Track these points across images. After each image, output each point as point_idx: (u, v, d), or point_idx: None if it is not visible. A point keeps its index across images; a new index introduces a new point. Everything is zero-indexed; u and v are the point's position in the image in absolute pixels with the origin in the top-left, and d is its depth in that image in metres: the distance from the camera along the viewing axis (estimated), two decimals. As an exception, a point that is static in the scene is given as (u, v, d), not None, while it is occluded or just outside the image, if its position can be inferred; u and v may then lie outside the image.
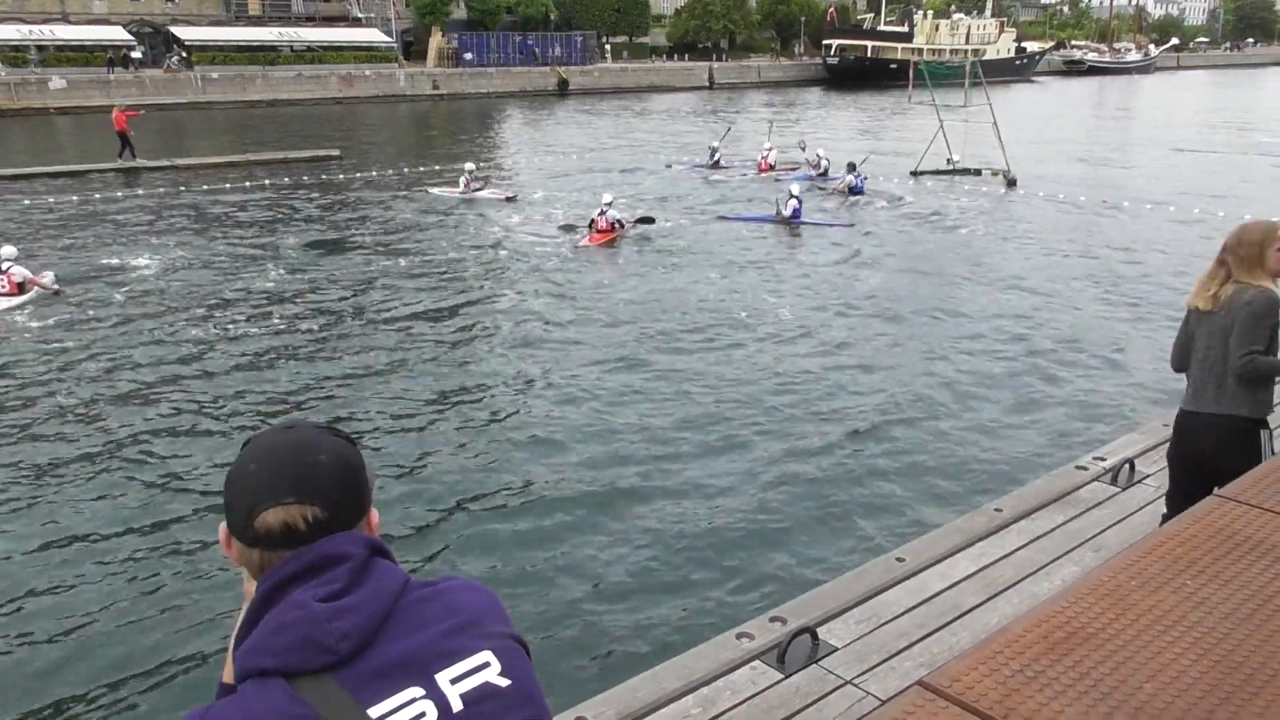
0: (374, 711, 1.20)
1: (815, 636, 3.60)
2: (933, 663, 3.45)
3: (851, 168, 23.47)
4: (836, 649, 3.61)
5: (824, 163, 25.74)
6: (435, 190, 23.94)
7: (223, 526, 1.32)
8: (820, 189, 24.01)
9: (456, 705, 1.24)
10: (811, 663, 3.52)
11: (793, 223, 19.66)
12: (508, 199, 22.73)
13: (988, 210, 21.84)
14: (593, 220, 18.14)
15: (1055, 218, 20.84)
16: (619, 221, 18.31)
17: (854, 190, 22.99)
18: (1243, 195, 23.37)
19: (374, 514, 1.37)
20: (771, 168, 26.82)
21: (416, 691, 1.23)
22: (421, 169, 27.27)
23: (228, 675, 1.34)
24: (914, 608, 3.91)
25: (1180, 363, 4.36)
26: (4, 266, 13.42)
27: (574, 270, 16.21)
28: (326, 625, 1.21)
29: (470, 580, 1.40)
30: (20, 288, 13.46)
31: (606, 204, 18.24)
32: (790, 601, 4.03)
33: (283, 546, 1.27)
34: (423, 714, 1.22)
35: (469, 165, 23.96)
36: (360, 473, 1.34)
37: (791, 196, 19.96)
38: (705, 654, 3.57)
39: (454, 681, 1.25)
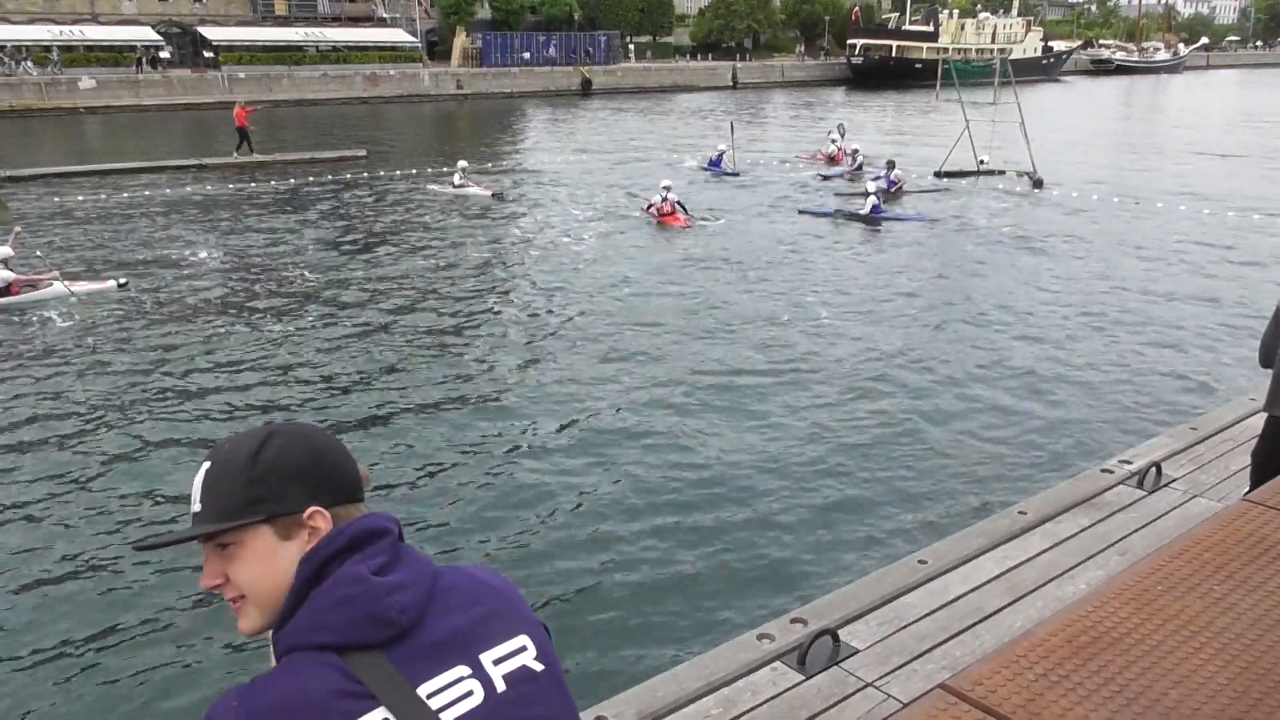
0: (423, 689, 1.20)
1: (836, 638, 3.58)
2: (955, 666, 3.43)
3: (891, 166, 23.39)
4: (858, 651, 3.59)
5: (860, 159, 26.05)
6: (432, 186, 24.25)
7: (315, 511, 1.28)
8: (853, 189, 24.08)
9: (500, 686, 1.26)
10: (832, 664, 3.50)
11: (874, 218, 19.84)
12: (494, 195, 23.10)
13: (1015, 211, 21.68)
14: (658, 205, 19.19)
15: (1082, 218, 20.65)
16: (679, 204, 19.35)
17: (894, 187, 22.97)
18: (1276, 196, 23.07)
19: None
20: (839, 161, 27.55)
21: (464, 670, 1.24)
22: (445, 168, 27.38)
23: None
24: (936, 610, 3.88)
25: (1267, 358, 4.25)
26: None
27: (614, 263, 16.41)
28: (387, 600, 1.22)
29: (486, 567, 1.43)
30: (2, 291, 13.11)
31: (665, 188, 19.37)
32: (811, 603, 4.01)
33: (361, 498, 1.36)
34: (470, 692, 1.23)
35: (462, 163, 24.12)
36: None
37: (869, 195, 20.14)
38: (726, 654, 3.56)
39: (496, 663, 1.27)
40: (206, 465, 1.32)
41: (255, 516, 1.27)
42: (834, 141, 28.56)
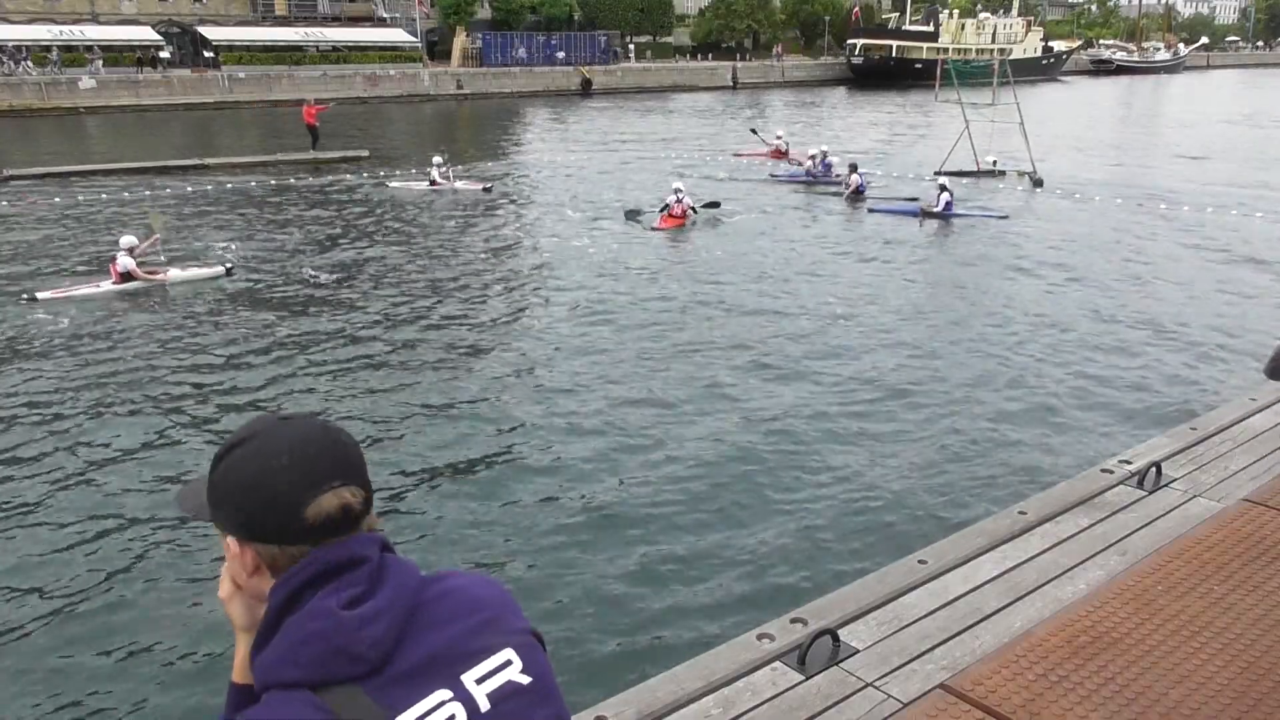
0: (403, 719, 1.18)
1: (836, 638, 3.58)
2: (954, 666, 3.42)
3: (854, 168, 23.23)
4: (858, 651, 3.58)
5: (828, 161, 25.73)
6: (396, 185, 24.14)
7: (230, 541, 1.26)
8: (822, 189, 24.11)
9: (484, 705, 1.23)
10: (832, 664, 3.49)
11: (946, 215, 19.81)
12: (484, 189, 23.22)
13: (1015, 211, 21.64)
14: (667, 205, 19.09)
15: (1082, 219, 20.64)
16: (692, 208, 19.25)
17: (859, 190, 22.75)
18: (1277, 196, 23.06)
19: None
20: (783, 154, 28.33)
21: (445, 694, 1.21)
22: (413, 169, 27.30)
23: (238, 675, 1.33)
24: (936, 610, 3.87)
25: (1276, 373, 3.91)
26: (115, 255, 14.21)
27: (619, 264, 16.45)
28: (357, 634, 1.18)
29: (478, 573, 1.39)
30: (125, 277, 14.13)
31: (678, 189, 19.25)
32: (811, 603, 4.01)
33: (337, 533, 1.23)
34: (452, 716, 1.21)
35: (437, 158, 24.03)
36: None
37: (943, 190, 20.04)
38: (726, 654, 3.56)
39: (479, 681, 1.24)
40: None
41: (211, 521, 1.29)
42: (779, 137, 29.52)
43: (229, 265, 15.44)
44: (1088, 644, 2.07)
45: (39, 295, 13.57)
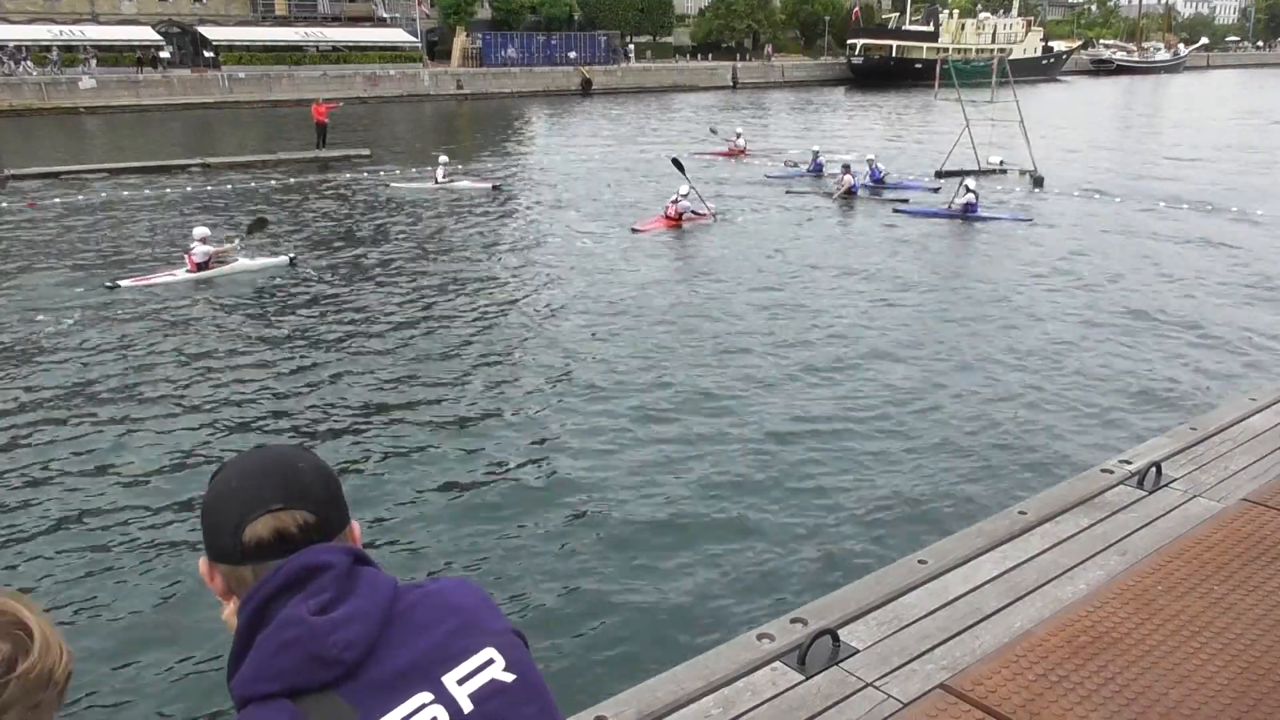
0: None
1: (836, 638, 3.58)
2: (955, 666, 3.42)
3: (846, 168, 23.17)
4: (858, 651, 3.58)
5: (820, 160, 25.69)
6: (399, 185, 24.17)
7: (202, 561, 1.30)
8: (813, 188, 24.14)
9: (467, 706, 1.22)
10: (832, 664, 3.49)
11: (968, 217, 19.75)
12: (494, 187, 23.35)
13: (1015, 211, 21.63)
14: (666, 208, 18.93)
15: (1082, 218, 20.64)
16: (692, 212, 19.03)
17: (851, 191, 22.69)
18: (1278, 195, 23.06)
19: (355, 526, 1.35)
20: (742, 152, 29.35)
21: (425, 697, 1.21)
22: (414, 169, 27.29)
23: None
24: (936, 610, 3.87)
25: None
26: (191, 245, 14.92)
27: (631, 261, 16.51)
28: (328, 638, 1.18)
29: (455, 577, 1.39)
30: (200, 267, 14.76)
31: (683, 194, 18.96)
32: (811, 603, 4.01)
33: (277, 555, 1.24)
34: (434, 719, 1.20)
35: (443, 157, 24.06)
36: (338, 481, 1.34)
37: (968, 191, 19.95)
38: (726, 654, 3.56)
39: (460, 682, 1.24)
40: None
41: None
42: (738, 135, 30.21)
43: (291, 256, 16.03)
44: (1088, 644, 2.07)
45: (121, 283, 14.39)
